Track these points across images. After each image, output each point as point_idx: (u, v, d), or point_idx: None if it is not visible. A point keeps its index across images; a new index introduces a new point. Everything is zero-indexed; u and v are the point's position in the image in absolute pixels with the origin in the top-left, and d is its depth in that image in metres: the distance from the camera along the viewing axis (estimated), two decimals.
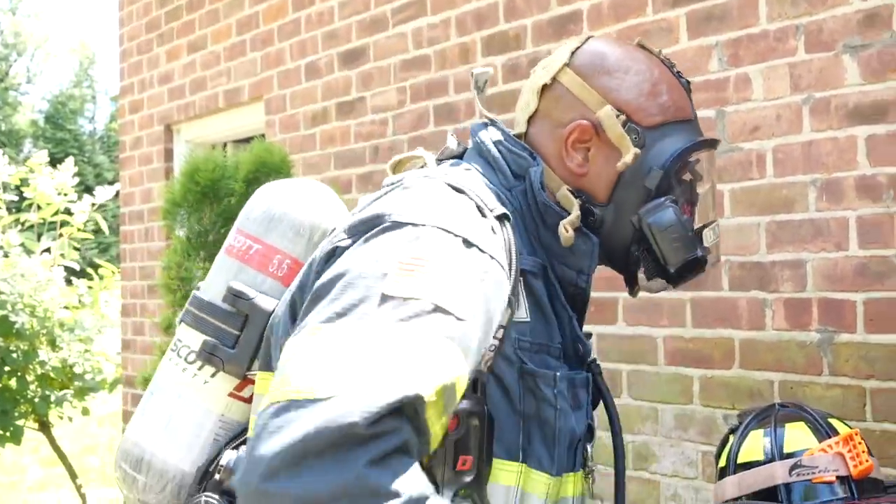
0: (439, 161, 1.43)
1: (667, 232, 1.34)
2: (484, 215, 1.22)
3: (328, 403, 0.95)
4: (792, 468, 1.92)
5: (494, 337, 1.17)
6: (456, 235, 1.13)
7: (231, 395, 1.43)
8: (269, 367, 1.30)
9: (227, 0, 5.16)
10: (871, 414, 2.52)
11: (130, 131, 6.07)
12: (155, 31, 5.80)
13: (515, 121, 1.44)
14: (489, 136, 1.39)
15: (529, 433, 1.26)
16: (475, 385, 1.15)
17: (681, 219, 1.35)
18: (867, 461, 1.89)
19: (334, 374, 0.98)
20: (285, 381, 1.00)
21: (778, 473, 1.93)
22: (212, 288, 1.46)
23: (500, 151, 1.37)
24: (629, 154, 1.34)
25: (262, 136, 4.79)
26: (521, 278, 1.25)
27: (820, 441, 1.94)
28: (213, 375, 1.42)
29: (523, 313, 1.25)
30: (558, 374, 1.28)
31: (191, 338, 1.44)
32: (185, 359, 1.44)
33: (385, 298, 1.04)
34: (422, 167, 1.41)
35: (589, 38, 1.44)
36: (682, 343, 2.97)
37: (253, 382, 1.39)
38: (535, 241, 1.34)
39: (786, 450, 1.96)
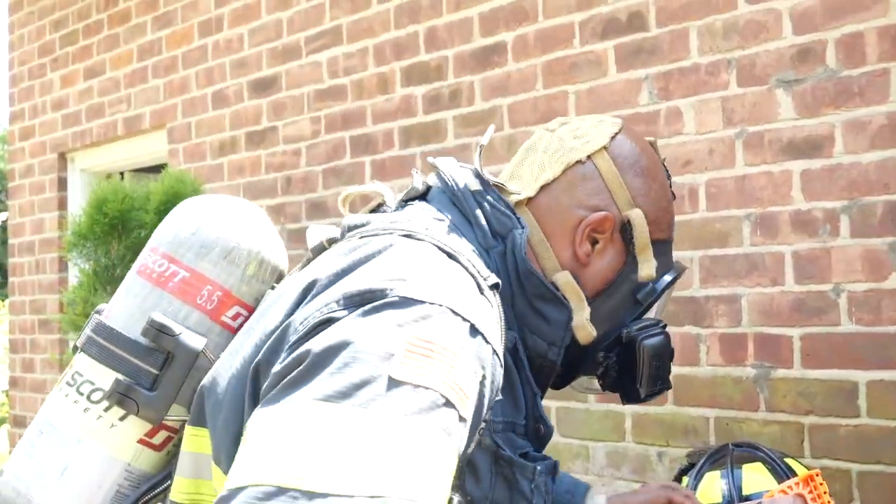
0: (403, 203, 1.30)
1: (655, 357, 1.33)
2: (480, 287, 1.11)
3: (327, 502, 0.84)
4: None
5: (484, 420, 1.07)
6: (465, 320, 1.02)
7: (141, 441, 1.24)
8: (200, 421, 1.14)
9: (128, 25, 4.99)
10: (810, 451, 2.50)
11: (21, 159, 5.80)
12: (49, 56, 5.57)
13: (516, 177, 1.33)
14: (466, 185, 1.27)
15: None
16: (460, 477, 1.06)
17: (670, 349, 1.35)
18: (829, 502, 1.86)
19: (339, 470, 0.87)
20: (272, 460, 0.88)
21: None
22: (122, 316, 1.27)
23: (479, 204, 1.26)
24: (650, 265, 1.31)
25: (165, 165, 4.62)
26: None
27: (779, 482, 1.90)
28: (121, 419, 1.23)
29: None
30: (538, 467, 1.20)
31: (95, 373, 1.25)
32: (88, 397, 1.24)
33: (393, 383, 0.93)
34: (380, 205, 1.30)
35: (623, 125, 1.36)
36: None
37: (168, 429, 1.24)
38: (510, 309, 1.23)
39: (745, 492, 1.91)
